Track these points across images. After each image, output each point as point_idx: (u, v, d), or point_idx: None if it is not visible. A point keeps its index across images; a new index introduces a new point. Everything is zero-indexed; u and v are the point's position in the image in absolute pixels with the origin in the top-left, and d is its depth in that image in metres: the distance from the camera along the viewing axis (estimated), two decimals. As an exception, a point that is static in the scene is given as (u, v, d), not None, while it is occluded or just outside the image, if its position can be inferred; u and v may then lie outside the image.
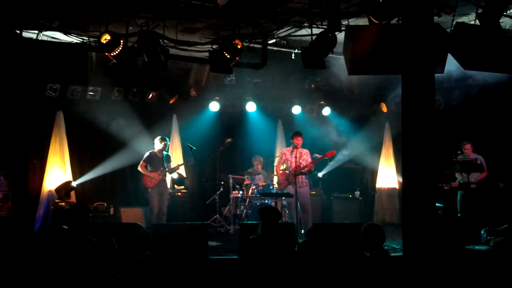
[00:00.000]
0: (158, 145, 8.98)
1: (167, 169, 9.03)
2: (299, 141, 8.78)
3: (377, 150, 11.73)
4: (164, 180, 9.08)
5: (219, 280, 4.25)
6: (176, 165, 9.48)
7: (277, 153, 11.09)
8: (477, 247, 6.59)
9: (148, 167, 8.94)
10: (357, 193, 11.10)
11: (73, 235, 4.55)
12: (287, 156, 9.01)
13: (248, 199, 9.95)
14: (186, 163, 9.92)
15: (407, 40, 5.47)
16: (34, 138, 9.72)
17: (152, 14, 6.91)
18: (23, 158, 9.56)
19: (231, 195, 10.04)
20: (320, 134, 11.21)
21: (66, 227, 5.81)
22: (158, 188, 8.88)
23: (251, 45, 7.79)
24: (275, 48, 8.42)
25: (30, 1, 6.61)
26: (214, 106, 10.76)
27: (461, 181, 9.19)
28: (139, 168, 8.95)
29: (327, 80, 10.61)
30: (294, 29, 7.84)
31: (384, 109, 11.21)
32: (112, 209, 9.66)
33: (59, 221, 5.95)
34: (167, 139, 9.25)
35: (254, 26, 7.46)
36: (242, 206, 9.90)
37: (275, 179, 10.10)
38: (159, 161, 8.98)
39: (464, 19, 6.95)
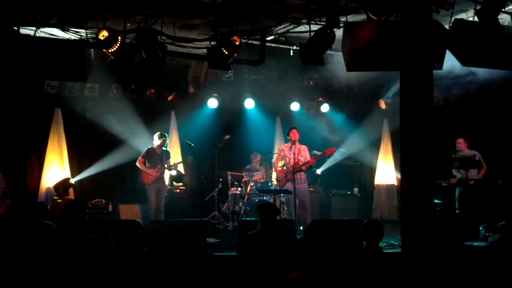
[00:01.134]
0: (156, 141, 8.96)
1: (165, 166, 9.01)
2: (295, 134, 8.70)
3: (375, 146, 11.74)
4: (162, 177, 9.05)
5: (217, 277, 4.25)
6: (174, 163, 9.46)
7: (276, 150, 11.08)
8: (475, 244, 6.60)
9: (146, 163, 8.90)
10: (356, 189, 11.12)
11: (71, 232, 4.55)
12: (285, 153, 8.92)
13: (246, 196, 9.96)
14: (184, 159, 9.93)
15: (405, 36, 5.46)
16: (32, 135, 9.73)
17: (150, 10, 6.88)
18: (22, 155, 9.56)
19: (230, 192, 10.04)
20: (318, 131, 11.22)
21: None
22: (156, 185, 8.85)
23: (250, 41, 7.78)
24: (273, 45, 8.39)
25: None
26: (212, 103, 10.75)
27: (460, 178, 9.20)
28: (137, 164, 8.92)
29: (325, 77, 10.60)
30: (292, 26, 7.82)
31: (383, 105, 11.20)
32: (110, 206, 9.69)
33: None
34: (166, 135, 9.23)
35: (253, 22, 7.44)
36: (240, 203, 9.91)
37: (274, 175, 10.10)
38: (158, 158, 8.95)
39: (462, 15, 6.96)
